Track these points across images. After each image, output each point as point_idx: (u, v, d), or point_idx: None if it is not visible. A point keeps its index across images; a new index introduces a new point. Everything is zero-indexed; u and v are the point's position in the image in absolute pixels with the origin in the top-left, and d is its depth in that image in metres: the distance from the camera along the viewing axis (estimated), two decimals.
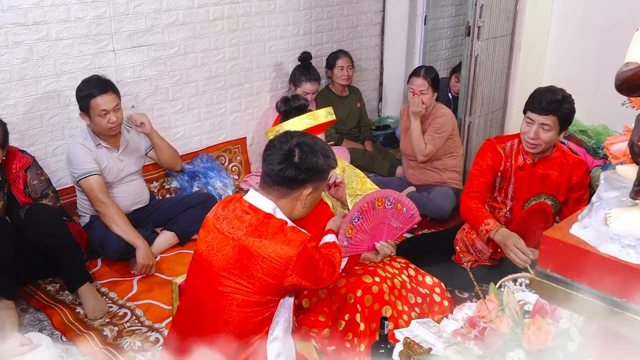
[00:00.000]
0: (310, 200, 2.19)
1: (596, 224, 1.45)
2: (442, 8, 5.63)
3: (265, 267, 1.99)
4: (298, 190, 2.13)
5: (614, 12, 4.10)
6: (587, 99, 4.29)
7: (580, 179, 2.97)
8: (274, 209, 2.10)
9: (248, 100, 4.57)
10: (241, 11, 4.30)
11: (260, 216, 2.06)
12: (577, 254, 1.41)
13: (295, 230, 2.07)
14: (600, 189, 1.57)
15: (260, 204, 2.10)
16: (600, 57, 4.19)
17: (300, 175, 2.10)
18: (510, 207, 3.05)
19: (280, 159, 2.10)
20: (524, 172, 2.97)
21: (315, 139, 2.20)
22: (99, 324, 2.92)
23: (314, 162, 2.11)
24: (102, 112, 3.26)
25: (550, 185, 2.96)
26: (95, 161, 3.34)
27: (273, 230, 2.03)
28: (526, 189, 2.98)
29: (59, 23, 3.47)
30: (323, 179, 2.20)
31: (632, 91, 1.42)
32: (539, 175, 2.96)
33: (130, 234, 3.26)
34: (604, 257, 1.37)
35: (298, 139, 2.15)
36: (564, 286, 1.41)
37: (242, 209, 2.10)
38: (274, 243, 2.00)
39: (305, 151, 2.11)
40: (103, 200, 3.29)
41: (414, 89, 3.89)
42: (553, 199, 2.97)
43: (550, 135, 2.85)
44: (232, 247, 2.03)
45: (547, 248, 1.45)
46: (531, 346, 1.66)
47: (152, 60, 3.93)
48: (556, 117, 2.82)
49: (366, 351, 2.46)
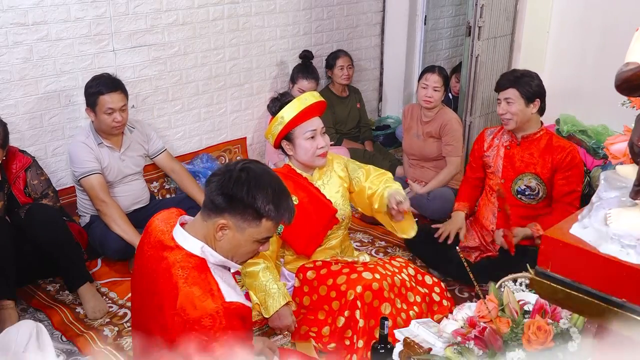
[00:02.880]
0: (229, 240, 1.84)
1: (596, 224, 1.45)
2: (442, 8, 5.63)
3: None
4: (215, 217, 1.83)
5: (614, 12, 4.10)
6: (587, 99, 4.30)
7: (563, 159, 3.06)
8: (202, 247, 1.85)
9: (248, 101, 4.57)
10: (241, 11, 4.30)
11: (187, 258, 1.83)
12: (577, 254, 1.41)
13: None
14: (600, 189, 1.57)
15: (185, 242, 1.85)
16: (600, 57, 4.19)
17: (216, 197, 1.81)
18: (498, 187, 3.18)
19: (217, 173, 1.86)
20: (510, 152, 3.18)
21: (271, 178, 1.87)
22: (99, 324, 2.92)
23: (236, 190, 1.79)
24: (109, 110, 3.27)
25: (533, 164, 3.11)
26: (96, 160, 3.34)
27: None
28: (512, 167, 3.16)
29: (59, 23, 3.47)
30: (247, 220, 1.81)
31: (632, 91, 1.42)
32: (523, 155, 3.14)
33: (130, 233, 3.26)
34: (604, 257, 1.37)
35: (250, 165, 1.87)
36: (563, 286, 1.41)
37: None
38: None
39: (239, 177, 1.81)
40: (104, 199, 3.29)
41: (428, 84, 3.87)
42: (537, 177, 3.11)
43: (516, 107, 3.07)
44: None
45: (547, 248, 1.45)
46: (531, 346, 1.67)
47: (152, 60, 3.93)
48: (515, 89, 3.08)
49: (364, 348, 2.47)
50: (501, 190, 2.93)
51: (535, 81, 3.12)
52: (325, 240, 2.81)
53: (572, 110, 4.34)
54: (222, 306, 1.74)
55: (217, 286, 1.78)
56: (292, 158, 2.76)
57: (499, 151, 3.21)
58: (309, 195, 2.72)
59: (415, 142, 4.07)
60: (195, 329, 1.72)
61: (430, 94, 3.87)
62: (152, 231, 1.94)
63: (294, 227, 2.67)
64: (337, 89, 4.84)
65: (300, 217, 2.69)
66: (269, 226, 1.85)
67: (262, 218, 1.82)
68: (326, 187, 2.79)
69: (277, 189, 1.86)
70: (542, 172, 3.09)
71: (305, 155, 2.70)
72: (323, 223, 2.75)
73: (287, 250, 2.83)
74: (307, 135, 2.67)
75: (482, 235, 3.29)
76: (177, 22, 3.99)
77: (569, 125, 4.24)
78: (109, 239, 3.28)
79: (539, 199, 3.14)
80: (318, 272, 2.69)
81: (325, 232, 2.78)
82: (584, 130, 4.22)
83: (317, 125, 2.69)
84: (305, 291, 2.69)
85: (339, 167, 2.87)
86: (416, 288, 2.71)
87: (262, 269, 2.61)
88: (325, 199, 2.75)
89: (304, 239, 2.74)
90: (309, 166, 2.76)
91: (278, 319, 2.58)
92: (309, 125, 2.67)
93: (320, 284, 2.64)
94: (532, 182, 3.12)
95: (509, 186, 3.17)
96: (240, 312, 1.81)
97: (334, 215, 2.76)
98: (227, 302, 1.76)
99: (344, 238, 2.90)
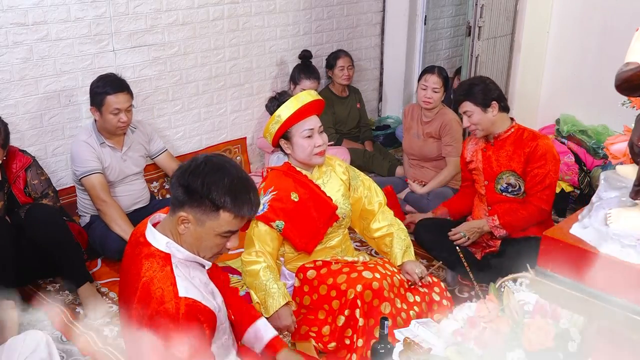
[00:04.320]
0: (190, 234, 1.83)
1: (596, 224, 1.45)
2: (442, 8, 5.63)
3: None
4: (178, 211, 1.82)
5: (614, 12, 4.10)
6: (587, 99, 4.30)
7: (534, 149, 3.10)
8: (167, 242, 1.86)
9: (248, 100, 4.57)
10: (241, 11, 4.30)
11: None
12: (577, 254, 1.41)
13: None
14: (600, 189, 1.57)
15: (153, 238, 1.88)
16: (600, 57, 4.19)
17: (177, 190, 1.81)
18: (485, 188, 3.27)
19: (181, 167, 1.85)
20: (486, 154, 3.24)
21: (231, 169, 1.84)
22: (99, 324, 2.91)
23: (192, 181, 1.77)
24: (115, 111, 3.28)
25: (508, 161, 3.17)
26: (98, 160, 3.34)
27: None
28: (491, 168, 3.23)
29: (59, 23, 3.47)
30: (205, 212, 1.79)
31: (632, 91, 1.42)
32: (497, 155, 3.21)
33: (129, 233, 3.25)
34: (604, 257, 1.38)
35: (214, 157, 1.86)
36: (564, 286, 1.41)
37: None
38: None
39: (198, 168, 1.79)
40: (104, 199, 3.29)
41: (427, 85, 3.89)
42: (514, 174, 3.16)
43: (476, 116, 3.13)
44: None
45: (547, 248, 1.45)
46: (531, 346, 1.66)
47: (152, 60, 3.93)
48: (468, 101, 3.13)
49: (364, 346, 2.47)
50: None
51: (485, 86, 3.16)
52: (326, 239, 2.81)
53: (572, 110, 4.34)
54: (174, 301, 1.74)
55: (173, 281, 1.78)
56: (291, 157, 2.76)
57: (477, 155, 3.28)
58: (309, 192, 2.72)
59: (415, 142, 4.07)
60: (150, 324, 1.73)
61: (429, 94, 3.88)
62: (134, 231, 1.99)
63: (294, 223, 2.68)
64: (337, 89, 4.84)
65: (300, 213, 2.70)
66: (228, 218, 1.81)
67: (219, 209, 1.79)
68: (326, 186, 2.79)
69: (235, 180, 1.81)
70: (518, 167, 3.15)
71: (303, 153, 2.70)
72: (323, 220, 2.75)
73: (287, 248, 2.83)
74: (305, 134, 2.67)
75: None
76: (177, 22, 3.99)
77: (569, 125, 4.24)
78: (109, 238, 3.28)
79: (523, 193, 3.19)
80: (318, 271, 2.69)
81: (325, 229, 2.77)
82: (584, 130, 4.21)
83: (315, 124, 2.69)
84: (306, 291, 2.69)
85: (341, 169, 2.87)
86: (416, 288, 2.71)
87: (262, 268, 2.61)
88: (325, 195, 2.75)
89: (304, 235, 2.74)
90: (307, 164, 2.76)
91: (278, 319, 2.58)
92: (306, 124, 2.66)
93: (321, 283, 2.64)
94: (511, 179, 3.18)
95: (492, 186, 3.24)
96: (195, 310, 1.78)
97: (335, 212, 2.76)
98: (179, 297, 1.75)
99: (344, 238, 2.90)
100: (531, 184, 3.11)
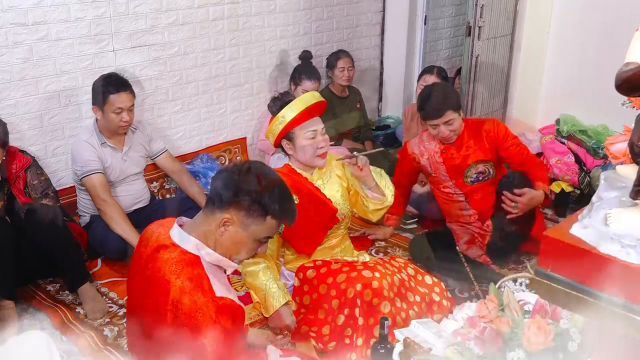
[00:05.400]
0: (231, 236, 1.85)
1: (596, 224, 1.45)
2: (442, 8, 5.62)
3: None
4: (219, 212, 1.84)
5: (614, 12, 4.09)
6: (587, 99, 4.30)
7: (497, 134, 3.17)
8: (197, 244, 1.86)
9: (248, 101, 4.56)
10: (241, 11, 4.30)
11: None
12: (577, 254, 1.41)
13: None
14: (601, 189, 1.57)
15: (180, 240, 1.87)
16: (600, 57, 4.19)
17: (224, 192, 1.83)
18: (453, 186, 3.30)
19: (223, 170, 1.90)
20: (446, 155, 3.25)
21: (275, 179, 1.93)
22: (99, 324, 2.91)
23: (243, 186, 1.81)
24: (118, 110, 3.30)
25: (474, 153, 3.21)
26: (99, 159, 3.35)
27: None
28: (457, 165, 3.24)
29: (59, 23, 3.47)
30: (252, 216, 1.83)
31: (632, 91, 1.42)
32: (460, 151, 3.22)
33: (130, 233, 3.26)
34: (604, 257, 1.38)
35: (257, 166, 1.90)
36: (563, 286, 1.41)
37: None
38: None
39: (246, 174, 1.84)
40: (105, 199, 3.30)
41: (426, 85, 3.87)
42: (482, 162, 3.21)
43: (456, 123, 3.13)
44: None
45: (547, 248, 1.45)
46: (531, 346, 1.66)
47: (152, 60, 3.93)
48: (450, 110, 3.09)
49: (364, 345, 2.47)
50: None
51: (452, 89, 3.20)
52: (325, 239, 2.81)
53: (572, 110, 4.34)
54: (212, 300, 1.75)
55: (208, 281, 1.79)
56: (292, 157, 2.76)
57: (433, 158, 3.28)
58: (309, 195, 2.72)
59: None
60: (186, 324, 1.73)
61: None
62: (149, 235, 1.95)
63: (294, 226, 2.67)
64: (337, 89, 4.84)
65: (300, 216, 2.69)
66: (272, 225, 1.88)
67: (267, 215, 1.85)
68: (326, 187, 2.79)
69: (282, 190, 1.91)
70: (485, 154, 3.18)
71: (305, 155, 2.70)
72: (323, 222, 2.75)
73: (287, 250, 2.83)
74: (308, 136, 2.67)
75: (467, 227, 3.34)
76: (177, 22, 3.99)
77: (569, 125, 4.24)
78: (109, 238, 3.28)
79: (491, 176, 3.25)
80: (318, 270, 2.69)
81: (325, 231, 2.78)
82: (584, 130, 4.21)
83: (318, 125, 2.69)
84: (305, 290, 2.69)
85: (337, 165, 2.88)
86: (416, 288, 2.71)
87: (262, 269, 2.62)
88: (325, 198, 2.75)
89: (304, 238, 2.74)
90: (308, 166, 2.76)
91: (278, 319, 2.58)
92: (310, 126, 2.67)
93: (320, 283, 2.64)
94: (479, 168, 3.22)
95: (461, 182, 3.25)
96: (231, 310, 1.81)
97: (335, 215, 2.76)
98: (217, 297, 1.78)
99: (344, 237, 2.90)
100: (519, 158, 3.16)
